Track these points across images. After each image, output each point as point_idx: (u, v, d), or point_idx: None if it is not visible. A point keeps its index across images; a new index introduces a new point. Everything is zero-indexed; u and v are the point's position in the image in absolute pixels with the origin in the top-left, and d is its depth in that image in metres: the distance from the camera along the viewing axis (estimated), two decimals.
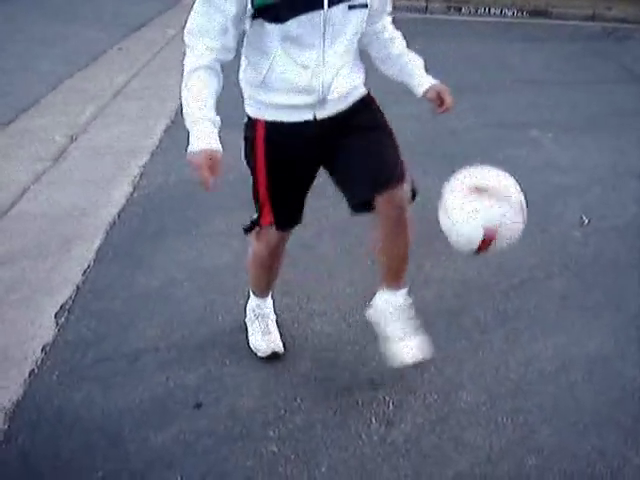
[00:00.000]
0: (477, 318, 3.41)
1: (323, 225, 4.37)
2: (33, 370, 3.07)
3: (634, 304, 3.53)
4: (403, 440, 2.67)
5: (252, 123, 2.75)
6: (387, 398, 2.87)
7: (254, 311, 3.23)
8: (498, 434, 2.69)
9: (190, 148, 2.44)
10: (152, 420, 2.77)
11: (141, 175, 5.25)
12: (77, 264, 3.95)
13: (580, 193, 4.81)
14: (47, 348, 3.21)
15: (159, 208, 4.71)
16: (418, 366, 2.84)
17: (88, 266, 3.92)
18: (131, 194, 4.92)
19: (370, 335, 2.97)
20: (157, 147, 5.87)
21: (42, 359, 3.14)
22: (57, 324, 3.38)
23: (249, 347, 3.15)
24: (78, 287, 3.70)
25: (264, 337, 3.14)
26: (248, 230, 3.05)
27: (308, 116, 2.62)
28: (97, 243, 4.20)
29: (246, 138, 2.81)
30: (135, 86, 8.13)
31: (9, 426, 2.76)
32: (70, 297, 3.61)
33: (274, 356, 3.08)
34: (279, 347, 3.11)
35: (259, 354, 3.10)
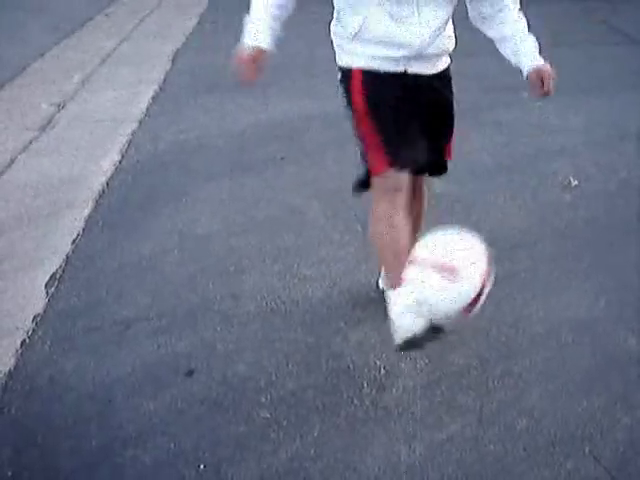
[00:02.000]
0: None
1: (313, 191, 4.35)
2: (24, 340, 3.07)
3: (624, 267, 3.54)
4: (395, 404, 2.67)
5: (347, 73, 2.69)
6: (378, 362, 2.87)
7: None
8: (489, 397, 2.70)
9: (244, 43, 2.63)
10: (144, 388, 2.78)
11: (130, 143, 5.22)
12: (67, 233, 3.94)
13: (571, 155, 4.79)
14: (38, 318, 3.21)
15: (148, 176, 4.69)
16: None
17: (78, 235, 3.91)
18: (120, 162, 4.90)
19: (361, 300, 2.98)
20: (145, 114, 5.84)
21: (33, 329, 3.14)
22: (47, 294, 3.38)
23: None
24: (68, 256, 3.69)
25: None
26: (360, 188, 2.88)
27: (400, 68, 2.62)
28: (86, 212, 4.18)
29: (345, 90, 2.73)
30: (122, 52, 8.07)
31: (2, 396, 2.76)
32: (60, 267, 3.60)
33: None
34: None
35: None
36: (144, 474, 2.41)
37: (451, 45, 2.74)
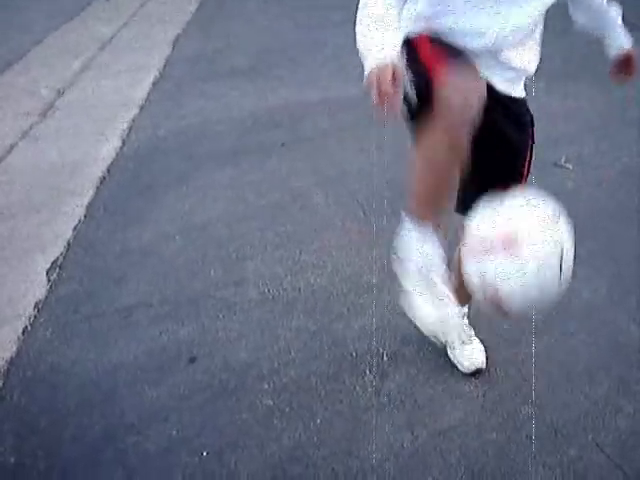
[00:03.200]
0: None
1: (314, 177, 4.34)
2: (26, 327, 3.07)
3: (627, 254, 3.53)
4: (397, 391, 2.67)
5: (412, 42, 2.23)
6: (381, 350, 2.87)
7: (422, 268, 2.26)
8: (491, 385, 2.70)
9: (369, 67, 2.01)
10: (147, 375, 2.78)
11: (130, 129, 5.21)
12: (68, 220, 3.93)
13: (572, 142, 4.78)
14: (39, 305, 3.21)
15: (149, 162, 4.68)
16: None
17: (79, 221, 3.90)
18: (121, 148, 4.90)
19: (363, 286, 2.97)
20: (146, 100, 5.82)
21: (35, 316, 3.14)
22: (49, 281, 3.38)
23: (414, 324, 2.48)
24: (69, 243, 3.69)
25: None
26: (417, 113, 2.17)
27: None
28: (87, 198, 4.18)
29: (408, 60, 2.14)
30: (123, 38, 8.05)
31: (4, 383, 2.77)
32: (61, 253, 3.60)
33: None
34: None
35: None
36: (147, 461, 2.41)
37: (533, 65, 2.40)
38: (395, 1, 2.18)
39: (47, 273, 3.43)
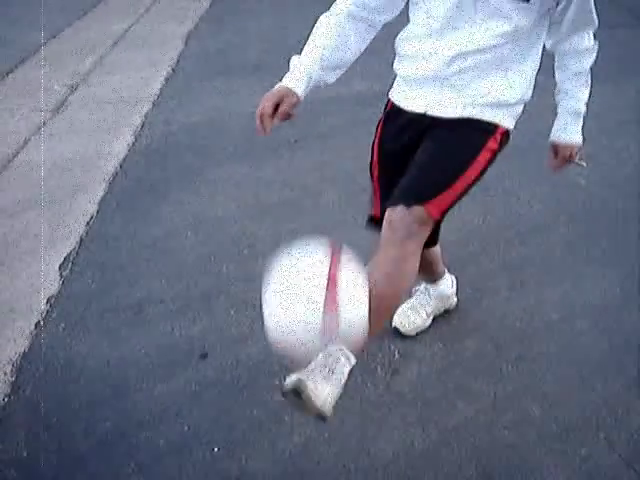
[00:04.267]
0: (482, 267, 3.40)
1: (326, 174, 4.34)
2: (39, 322, 3.08)
3: (639, 253, 3.52)
4: (408, 389, 2.67)
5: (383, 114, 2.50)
6: (392, 347, 2.87)
7: None
8: (503, 382, 2.69)
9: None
10: (158, 371, 2.78)
11: (143, 125, 5.22)
12: (80, 215, 3.94)
13: (586, 141, 4.75)
14: (52, 300, 3.21)
15: (162, 158, 4.68)
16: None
17: (91, 217, 3.91)
18: (133, 144, 4.90)
19: None
20: (158, 96, 5.83)
21: (47, 311, 3.15)
22: (61, 276, 3.38)
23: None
24: (82, 238, 3.70)
25: None
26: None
27: (419, 108, 2.33)
28: (100, 194, 4.19)
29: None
30: (135, 34, 8.06)
31: (16, 378, 2.77)
32: (74, 249, 3.61)
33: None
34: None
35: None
36: (158, 456, 2.41)
37: (503, 95, 2.29)
38: (335, 25, 2.27)
39: (60, 268, 3.44)
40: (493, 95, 2.28)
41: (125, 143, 4.90)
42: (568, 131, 2.53)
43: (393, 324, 2.92)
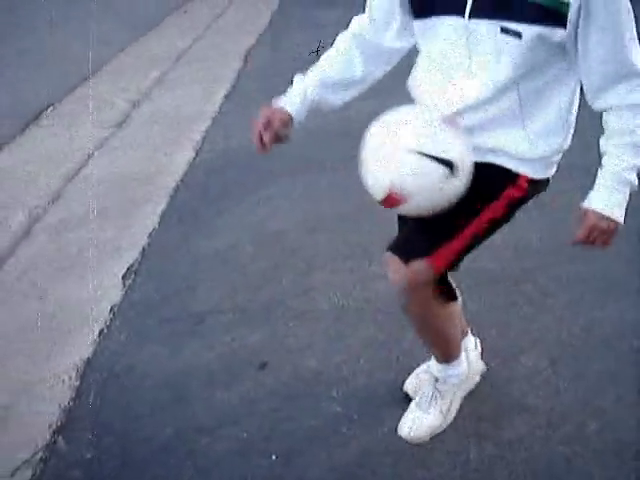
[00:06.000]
0: (539, 283, 3.40)
1: None
2: (102, 330, 3.17)
3: None
4: (464, 404, 2.68)
5: None
6: None
7: None
8: (559, 399, 2.69)
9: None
10: (218, 379, 2.84)
11: (203, 140, 5.33)
12: (142, 227, 4.04)
13: None
14: (115, 309, 3.31)
15: (221, 172, 4.77)
16: (479, 330, 2.86)
17: (153, 229, 4.01)
18: (193, 159, 5.00)
19: None
20: (218, 112, 5.94)
21: (110, 319, 3.24)
22: (124, 285, 3.48)
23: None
24: (144, 249, 3.79)
25: None
26: None
27: None
28: (162, 207, 4.28)
29: None
30: (197, 50, 8.20)
31: (80, 383, 2.86)
32: (136, 259, 3.70)
33: None
34: None
35: None
36: (217, 462, 2.47)
37: (524, 149, 2.08)
38: (351, 41, 2.27)
39: (123, 278, 3.53)
40: (509, 150, 2.09)
41: (186, 158, 5.00)
42: (601, 197, 2.03)
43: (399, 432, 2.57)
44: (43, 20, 9.49)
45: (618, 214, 2.00)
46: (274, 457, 2.47)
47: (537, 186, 2.18)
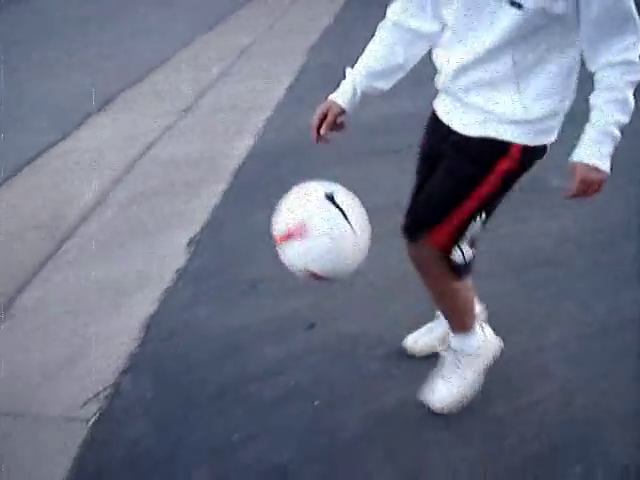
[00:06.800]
0: (573, 267, 3.57)
1: None
2: (167, 289, 3.46)
3: None
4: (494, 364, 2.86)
5: None
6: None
7: None
8: (582, 370, 2.87)
9: None
10: (268, 336, 3.12)
11: (264, 128, 5.59)
12: (205, 204, 4.33)
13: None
14: (179, 272, 3.60)
15: (279, 159, 5.03)
16: (513, 305, 3.06)
17: (215, 206, 4.30)
18: (253, 145, 5.27)
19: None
20: (279, 104, 6.20)
21: (174, 281, 3.53)
22: (188, 252, 3.77)
23: None
24: (207, 223, 4.08)
25: None
26: None
27: (445, 119, 2.39)
28: (222, 187, 4.57)
29: None
30: (260, 47, 8.47)
31: (145, 334, 3.15)
32: (198, 231, 3.99)
33: None
34: None
35: None
36: (264, 405, 2.74)
37: (518, 111, 2.18)
38: (383, 36, 2.43)
39: (187, 246, 3.83)
40: (503, 112, 2.20)
41: (247, 144, 5.28)
42: (589, 150, 2.14)
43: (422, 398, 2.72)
44: (119, 13, 9.92)
45: (607, 165, 2.12)
46: (317, 403, 2.73)
47: (532, 155, 2.27)
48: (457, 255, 2.44)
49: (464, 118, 2.30)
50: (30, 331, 3.26)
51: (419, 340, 2.97)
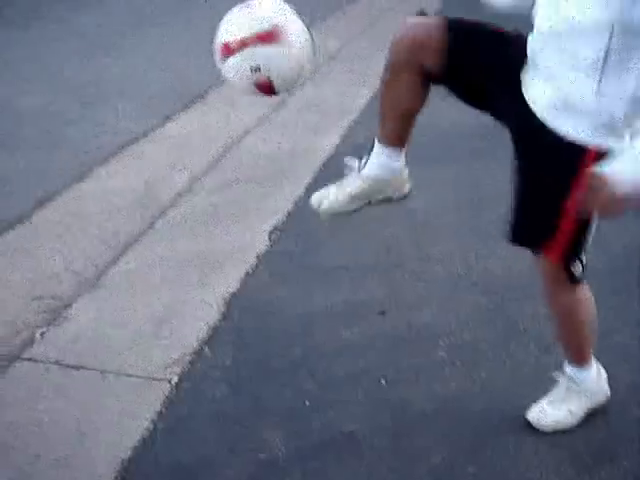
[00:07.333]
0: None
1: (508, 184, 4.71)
2: (248, 271, 3.68)
3: None
4: (554, 366, 2.97)
5: None
6: (549, 331, 3.14)
7: None
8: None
9: None
10: (341, 319, 3.30)
11: (349, 129, 5.79)
12: (289, 195, 4.54)
13: None
14: (260, 256, 3.81)
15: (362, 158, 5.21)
16: None
17: (299, 198, 4.49)
18: (338, 144, 5.47)
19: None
20: (365, 107, 6.37)
21: (256, 264, 3.74)
22: (269, 239, 3.98)
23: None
24: (289, 213, 4.29)
25: None
26: None
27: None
28: (307, 180, 4.77)
29: None
30: (350, 51, 8.67)
31: (227, 309, 3.37)
32: (281, 220, 4.20)
33: None
34: None
35: None
36: (335, 380, 2.92)
37: (591, 99, 2.00)
38: None
39: (269, 234, 4.04)
40: (575, 96, 2.03)
41: (331, 142, 5.48)
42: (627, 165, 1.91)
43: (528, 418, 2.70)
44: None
45: (622, 175, 1.88)
46: (383, 382, 2.90)
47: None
48: (577, 267, 2.33)
49: (538, 91, 2.13)
50: (120, 299, 3.50)
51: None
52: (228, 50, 2.31)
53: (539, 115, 2.12)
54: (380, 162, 2.58)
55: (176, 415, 2.74)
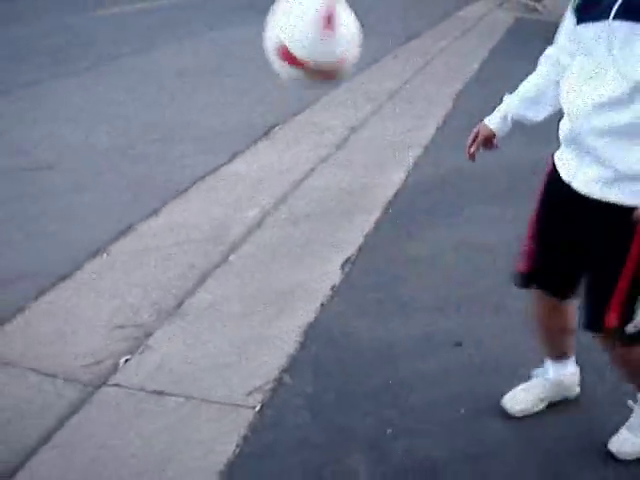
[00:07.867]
0: None
1: None
2: (323, 303, 3.76)
3: None
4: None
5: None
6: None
7: None
8: None
9: None
10: (417, 349, 3.37)
11: (414, 164, 5.88)
12: (358, 230, 4.64)
13: None
14: (335, 288, 3.89)
15: (429, 193, 5.31)
16: None
17: (368, 232, 4.59)
18: (405, 180, 5.56)
19: None
20: (429, 142, 6.49)
21: (330, 296, 3.82)
22: (342, 271, 4.07)
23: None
24: (360, 247, 4.38)
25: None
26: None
27: (565, 176, 2.34)
28: (375, 216, 4.86)
29: None
30: (408, 91, 8.80)
31: (304, 339, 3.44)
32: (353, 254, 4.29)
33: None
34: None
35: None
36: (415, 408, 2.98)
37: None
38: (540, 69, 2.55)
39: (342, 266, 4.12)
40: (631, 163, 2.10)
41: (398, 178, 5.57)
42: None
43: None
44: None
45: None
46: (462, 411, 2.95)
47: None
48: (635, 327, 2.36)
49: (589, 173, 2.21)
50: (200, 329, 3.59)
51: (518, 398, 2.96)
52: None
53: (594, 195, 2.21)
54: (555, 370, 2.91)
55: (261, 441, 2.81)
